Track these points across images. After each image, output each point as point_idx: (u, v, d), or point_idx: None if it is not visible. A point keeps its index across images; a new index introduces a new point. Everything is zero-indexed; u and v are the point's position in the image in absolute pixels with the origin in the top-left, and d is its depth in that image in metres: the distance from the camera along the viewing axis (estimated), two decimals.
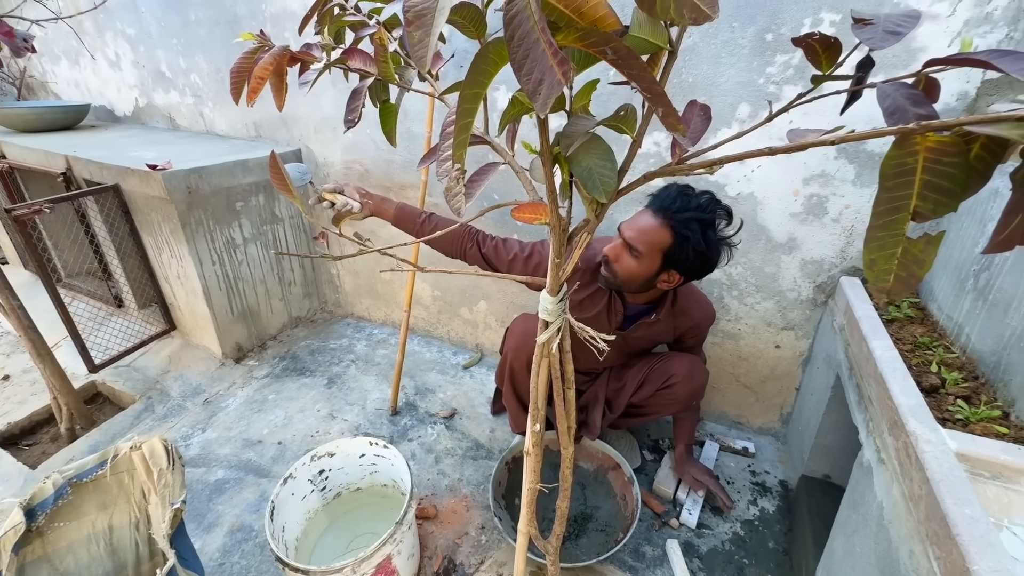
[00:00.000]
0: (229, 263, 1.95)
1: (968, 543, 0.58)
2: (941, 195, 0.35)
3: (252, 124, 2.24)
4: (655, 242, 1.08)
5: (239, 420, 1.76)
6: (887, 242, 0.38)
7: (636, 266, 1.11)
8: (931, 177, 0.34)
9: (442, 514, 1.40)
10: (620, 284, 1.16)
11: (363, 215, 1.27)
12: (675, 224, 1.05)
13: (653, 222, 1.08)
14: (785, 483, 1.50)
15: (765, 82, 1.28)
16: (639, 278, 1.13)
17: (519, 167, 0.64)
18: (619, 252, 1.13)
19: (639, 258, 1.10)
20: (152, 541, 0.91)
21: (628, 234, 1.10)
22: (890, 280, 0.39)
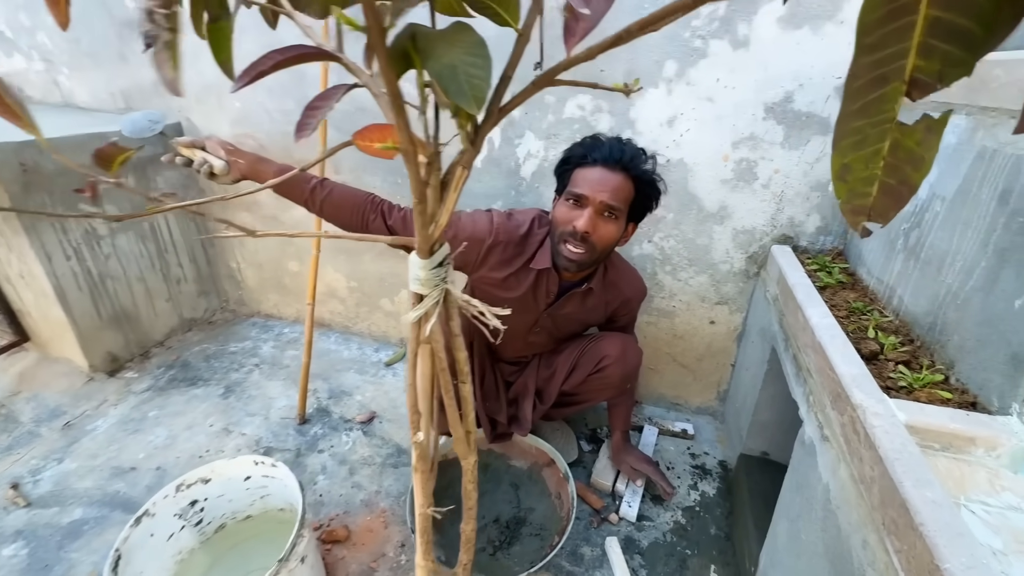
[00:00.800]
0: (91, 258, 1.63)
1: (934, 534, 0.49)
2: (954, 43, 0.22)
3: (120, 94, 1.89)
4: (626, 198, 1.00)
5: (109, 445, 1.47)
6: (868, 135, 0.25)
7: (615, 229, 1.02)
8: (942, 11, 0.22)
9: (355, 534, 1.22)
10: (597, 258, 1.05)
11: (232, 178, 1.02)
12: (637, 174, 0.99)
13: (616, 177, 0.98)
14: (725, 463, 1.45)
15: (691, 36, 1.18)
16: (614, 242, 1.04)
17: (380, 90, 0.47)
18: (595, 222, 0.99)
19: (617, 219, 1.01)
20: None
21: (602, 198, 0.97)
22: (872, 193, 0.26)
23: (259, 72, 0.47)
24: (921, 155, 0.24)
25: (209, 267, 2.07)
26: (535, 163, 1.45)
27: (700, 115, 1.25)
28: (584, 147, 1.01)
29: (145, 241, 1.79)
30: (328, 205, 1.04)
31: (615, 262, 1.18)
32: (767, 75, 1.16)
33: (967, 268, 0.78)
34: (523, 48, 0.39)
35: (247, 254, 2.04)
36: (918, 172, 0.25)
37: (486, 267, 1.11)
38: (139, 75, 1.81)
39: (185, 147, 1.02)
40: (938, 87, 0.23)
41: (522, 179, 1.48)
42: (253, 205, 1.90)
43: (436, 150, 0.40)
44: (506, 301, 1.15)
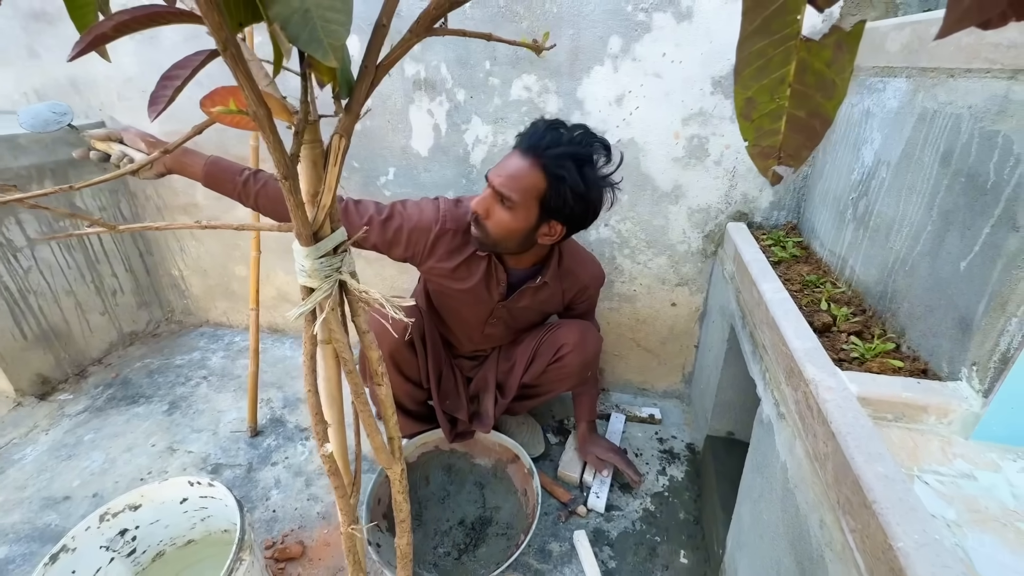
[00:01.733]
0: (8, 273, 1.49)
1: (886, 511, 0.46)
2: None
3: (33, 92, 1.74)
4: (528, 188, 0.90)
5: (38, 474, 1.35)
6: (771, 57, 0.21)
7: (510, 219, 0.93)
8: None
9: (311, 550, 1.15)
10: (494, 243, 0.97)
11: (156, 172, 0.93)
12: (547, 163, 0.88)
13: (523, 164, 0.90)
14: (692, 446, 1.43)
15: (634, 10, 1.14)
16: (516, 233, 0.95)
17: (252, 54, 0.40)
18: (489, 205, 0.94)
19: (513, 209, 0.92)
20: None
21: (496, 181, 0.91)
22: (780, 129, 0.22)
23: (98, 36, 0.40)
24: (831, 78, 0.20)
25: (149, 276, 1.94)
26: (484, 149, 1.39)
27: (648, 92, 1.21)
28: (525, 132, 0.95)
29: (71, 251, 1.66)
30: (263, 198, 0.95)
31: (570, 249, 1.13)
32: (712, 47, 1.13)
33: (914, 233, 0.76)
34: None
35: (190, 260, 1.92)
36: (830, 100, 0.20)
37: (434, 257, 1.05)
38: (53, 71, 1.67)
39: (100, 140, 0.93)
40: None
41: (472, 166, 1.42)
42: (191, 207, 1.78)
43: (306, 118, 0.34)
44: (459, 292, 1.10)
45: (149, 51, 1.55)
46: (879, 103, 0.90)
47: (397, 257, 1.06)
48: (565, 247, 1.11)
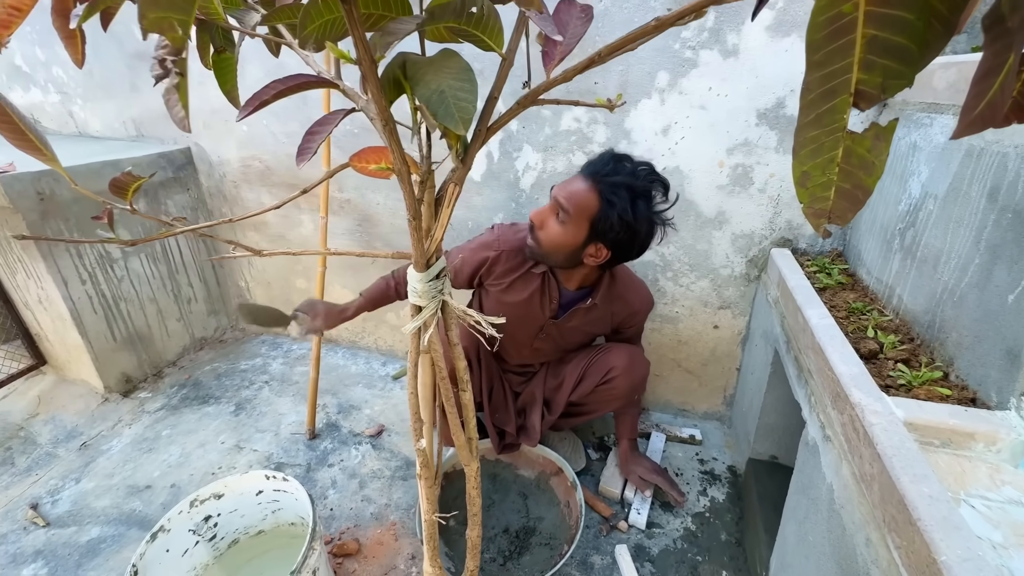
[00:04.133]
0: (105, 281, 1.67)
1: (931, 528, 0.50)
2: (892, 59, 0.24)
3: (132, 122, 1.96)
4: (582, 207, 0.97)
5: (124, 464, 1.49)
6: (823, 144, 0.27)
7: (561, 233, 1.00)
8: (877, 30, 0.23)
9: (366, 548, 1.22)
10: (544, 253, 1.05)
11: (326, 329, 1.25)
12: (602, 188, 0.96)
13: (582, 185, 0.98)
14: (733, 468, 1.44)
15: (681, 47, 1.21)
16: (564, 248, 1.02)
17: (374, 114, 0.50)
18: (545, 216, 1.02)
19: (565, 224, 1.00)
20: None
21: (559, 194, 1.00)
22: (830, 197, 0.28)
23: (262, 102, 0.50)
24: (872, 160, 0.26)
25: (219, 286, 2.12)
26: (534, 175, 1.47)
27: (694, 123, 1.27)
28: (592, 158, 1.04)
29: (157, 263, 1.84)
30: (401, 285, 1.25)
31: (622, 275, 1.20)
32: (758, 82, 1.18)
33: (962, 265, 0.78)
34: (507, 71, 0.41)
35: (255, 273, 2.08)
36: (871, 176, 0.26)
37: (492, 276, 1.16)
38: (150, 103, 1.88)
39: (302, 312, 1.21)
40: (882, 97, 0.25)
41: (522, 191, 1.51)
42: (261, 225, 1.95)
43: (429, 169, 0.42)
44: (511, 305, 1.17)
45: None
46: (926, 137, 0.93)
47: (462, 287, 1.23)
48: (617, 272, 1.17)
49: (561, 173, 1.44)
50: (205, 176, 1.93)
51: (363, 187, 1.69)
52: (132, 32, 1.75)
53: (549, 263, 1.09)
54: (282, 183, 1.81)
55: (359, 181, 1.70)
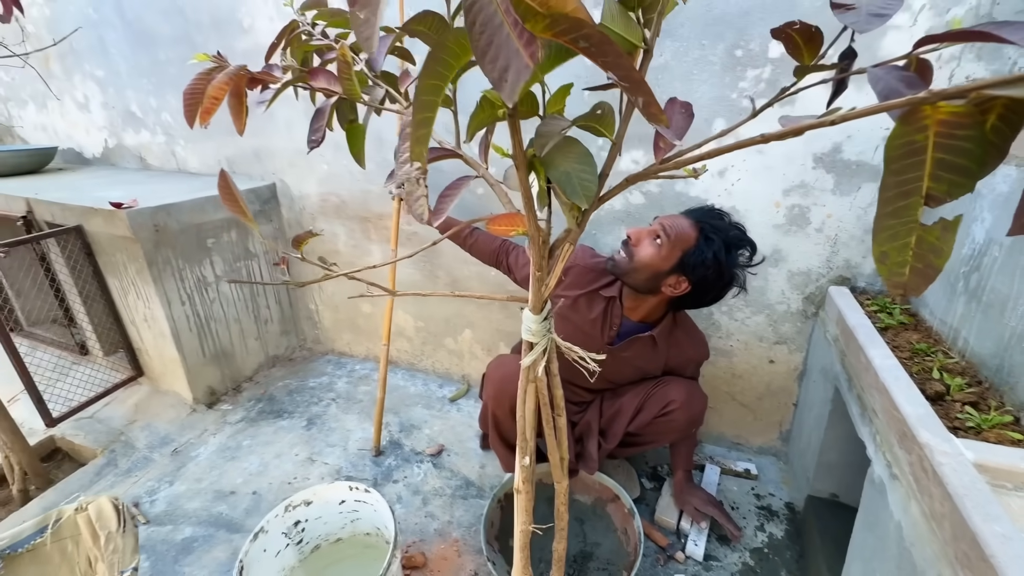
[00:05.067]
0: (200, 302, 1.87)
1: (1005, 565, 0.53)
2: (956, 174, 0.31)
3: (225, 160, 2.20)
4: (681, 236, 1.08)
5: (210, 470, 1.64)
6: (899, 231, 0.34)
7: (654, 254, 1.09)
8: (944, 155, 0.31)
9: (431, 562, 1.30)
10: (630, 269, 1.13)
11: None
12: (704, 228, 1.08)
13: (685, 221, 1.10)
14: (792, 505, 1.43)
15: (738, 97, 1.29)
16: (651, 268, 1.11)
17: (494, 179, 0.60)
18: (643, 235, 1.12)
19: (660, 248, 1.09)
20: None
21: (661, 220, 1.10)
22: (906, 273, 0.35)
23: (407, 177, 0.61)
24: (940, 247, 0.33)
25: (291, 309, 2.30)
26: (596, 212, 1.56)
27: (750, 166, 1.33)
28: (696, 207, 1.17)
29: (241, 287, 2.03)
30: (475, 249, 1.44)
31: (684, 322, 1.27)
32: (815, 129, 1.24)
33: None
34: (616, 154, 0.51)
35: (325, 297, 2.25)
36: (939, 259, 0.33)
37: (562, 286, 1.25)
38: (242, 144, 2.11)
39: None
40: (948, 200, 0.32)
41: None
42: (333, 254, 2.12)
43: (549, 232, 0.52)
44: (573, 324, 1.25)
45: None
46: (989, 185, 0.96)
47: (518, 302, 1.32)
48: (680, 318, 1.24)
49: (619, 211, 1.52)
50: (286, 209, 2.13)
51: None
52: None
53: (629, 280, 1.16)
54: (355, 216, 1.98)
55: None
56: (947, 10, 1.07)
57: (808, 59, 0.48)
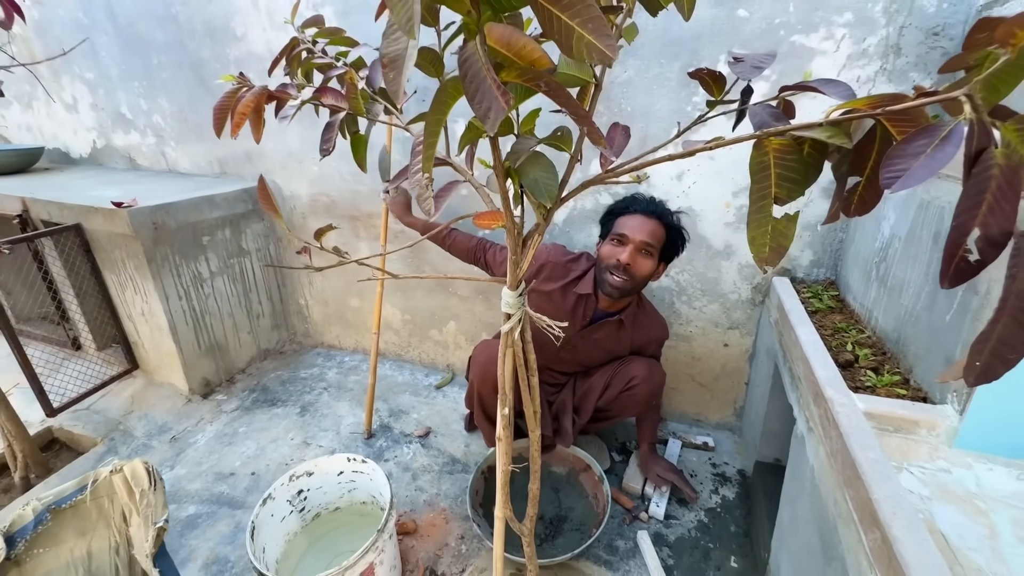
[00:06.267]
0: (196, 297, 1.96)
1: (870, 479, 0.69)
2: (790, 184, 0.47)
3: (216, 161, 2.28)
4: (660, 238, 1.26)
5: (209, 455, 1.74)
6: (761, 222, 0.50)
7: (651, 264, 1.27)
8: (781, 170, 0.46)
9: (421, 528, 1.43)
10: (634, 287, 1.30)
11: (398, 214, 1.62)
12: (667, 220, 1.26)
13: (651, 222, 1.26)
14: (743, 471, 1.61)
15: (692, 109, 1.46)
16: (648, 275, 1.29)
17: (478, 183, 0.74)
18: (634, 256, 1.26)
19: (652, 256, 1.26)
20: (133, 565, 0.91)
21: (641, 237, 1.24)
22: (766, 251, 0.50)
23: (399, 177, 0.75)
24: (787, 233, 0.49)
25: (282, 304, 2.39)
26: (565, 212, 1.72)
27: (703, 171, 1.50)
28: (626, 201, 1.30)
29: (236, 282, 2.12)
30: (453, 248, 1.57)
31: (645, 306, 1.44)
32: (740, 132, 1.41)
33: (916, 292, 0.99)
34: (574, 164, 0.65)
35: (315, 292, 2.36)
36: (787, 240, 0.49)
37: (537, 280, 1.40)
38: (234, 146, 2.20)
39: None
40: (788, 201, 0.48)
41: (555, 224, 1.75)
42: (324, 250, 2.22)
43: (522, 226, 0.66)
44: (549, 315, 1.40)
45: (308, 133, 2.03)
46: None
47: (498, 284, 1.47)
48: (643, 302, 1.41)
49: (590, 211, 1.68)
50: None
51: None
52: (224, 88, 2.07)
53: (633, 293, 1.34)
54: (344, 215, 2.09)
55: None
56: (863, 39, 1.25)
57: (716, 94, 0.63)
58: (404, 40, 0.44)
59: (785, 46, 1.31)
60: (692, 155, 0.54)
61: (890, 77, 1.26)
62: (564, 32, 0.45)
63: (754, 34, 1.33)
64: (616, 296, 1.32)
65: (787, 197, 0.47)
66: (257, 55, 1.95)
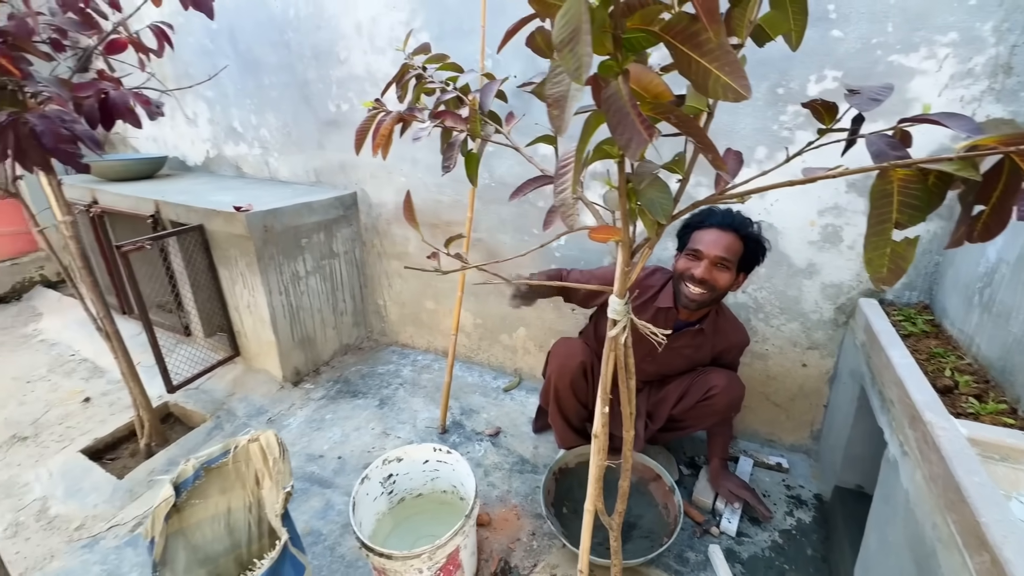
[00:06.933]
0: (293, 293, 2.16)
1: (977, 502, 0.70)
2: (912, 210, 0.50)
3: (313, 171, 2.51)
4: (736, 251, 1.29)
5: (301, 437, 1.91)
6: (879, 245, 0.53)
7: (728, 277, 1.30)
8: (904, 198, 0.50)
9: (495, 521, 1.51)
10: (713, 299, 1.33)
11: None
12: (743, 232, 1.28)
13: (726, 235, 1.28)
14: (820, 496, 1.57)
15: (779, 128, 1.47)
16: (727, 287, 1.32)
17: (588, 201, 0.82)
18: (709, 271, 1.29)
19: (729, 269, 1.29)
20: (262, 523, 1.04)
21: (716, 252, 1.28)
22: (884, 271, 0.54)
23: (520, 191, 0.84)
24: (906, 255, 0.52)
25: (363, 303, 2.58)
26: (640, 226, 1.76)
27: (786, 189, 1.50)
28: (701, 215, 1.32)
29: (326, 281, 2.32)
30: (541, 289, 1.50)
31: (725, 313, 1.45)
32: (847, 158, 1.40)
33: None
34: (684, 187, 0.71)
35: (393, 294, 2.52)
36: (905, 263, 0.53)
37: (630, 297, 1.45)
38: (330, 158, 2.41)
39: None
40: (908, 226, 0.51)
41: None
42: (404, 256, 2.38)
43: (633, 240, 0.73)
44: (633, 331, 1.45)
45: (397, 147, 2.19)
46: None
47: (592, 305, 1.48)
48: (722, 309, 1.42)
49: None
50: (364, 215, 2.42)
51: (494, 229, 2.07)
52: (326, 106, 2.29)
53: (712, 304, 1.37)
54: (426, 223, 2.24)
55: (491, 223, 2.07)
56: (969, 58, 1.22)
57: (827, 122, 0.67)
58: (567, 82, 0.52)
59: (882, 66, 1.30)
60: (813, 181, 0.59)
61: (998, 97, 1.22)
62: (701, 73, 0.51)
63: (848, 54, 1.33)
64: (694, 308, 1.35)
65: (908, 223, 0.51)
66: (357, 76, 2.14)
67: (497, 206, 2.03)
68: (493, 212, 2.04)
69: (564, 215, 0.59)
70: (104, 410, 2.14)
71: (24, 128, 1.13)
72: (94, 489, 1.68)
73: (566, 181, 0.58)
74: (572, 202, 0.59)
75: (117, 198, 2.40)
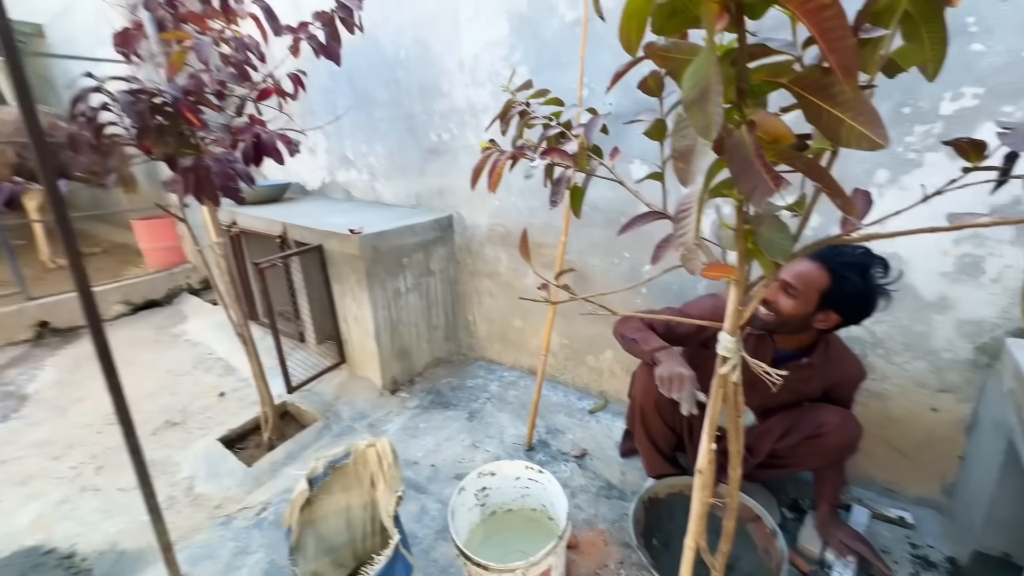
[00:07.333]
0: (394, 308, 2.34)
1: None
2: None
3: (414, 195, 2.72)
4: (812, 283, 1.19)
5: (397, 443, 2.05)
6: None
7: (793, 305, 1.22)
8: None
9: (582, 545, 1.51)
10: (779, 323, 1.27)
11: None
12: (833, 266, 1.18)
13: (810, 265, 1.21)
14: (953, 559, 1.39)
15: (904, 150, 1.36)
16: (796, 316, 1.23)
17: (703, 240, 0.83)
18: (775, 293, 1.25)
19: (796, 297, 1.21)
20: (375, 521, 1.15)
21: (785, 276, 1.23)
22: None
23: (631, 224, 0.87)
24: None
25: (454, 319, 2.72)
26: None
27: (914, 215, 1.37)
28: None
29: (423, 298, 2.49)
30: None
31: (836, 343, 1.35)
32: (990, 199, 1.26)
33: None
34: (804, 226, 0.70)
35: (483, 311, 2.64)
36: None
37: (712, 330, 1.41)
38: (430, 183, 2.60)
39: None
40: None
41: None
42: (495, 274, 2.49)
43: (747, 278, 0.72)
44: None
45: None
46: None
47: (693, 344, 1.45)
48: (832, 339, 1.33)
49: None
50: (459, 235, 2.57)
51: (584, 252, 2.10)
52: (428, 136, 2.48)
53: (781, 330, 1.30)
54: (516, 244, 2.33)
55: (581, 246, 2.11)
56: None
57: (974, 160, 0.63)
58: (693, 136, 0.54)
59: None
60: (960, 229, 0.56)
61: None
62: (832, 123, 0.52)
63: (992, 69, 1.20)
64: (759, 326, 1.29)
65: None
66: (458, 108, 2.30)
67: (588, 229, 2.07)
68: (584, 235, 2.07)
69: (686, 260, 0.61)
70: (235, 404, 2.45)
71: (202, 169, 1.37)
72: (229, 474, 1.94)
73: (687, 226, 0.61)
74: (694, 247, 0.61)
75: (252, 220, 2.76)
